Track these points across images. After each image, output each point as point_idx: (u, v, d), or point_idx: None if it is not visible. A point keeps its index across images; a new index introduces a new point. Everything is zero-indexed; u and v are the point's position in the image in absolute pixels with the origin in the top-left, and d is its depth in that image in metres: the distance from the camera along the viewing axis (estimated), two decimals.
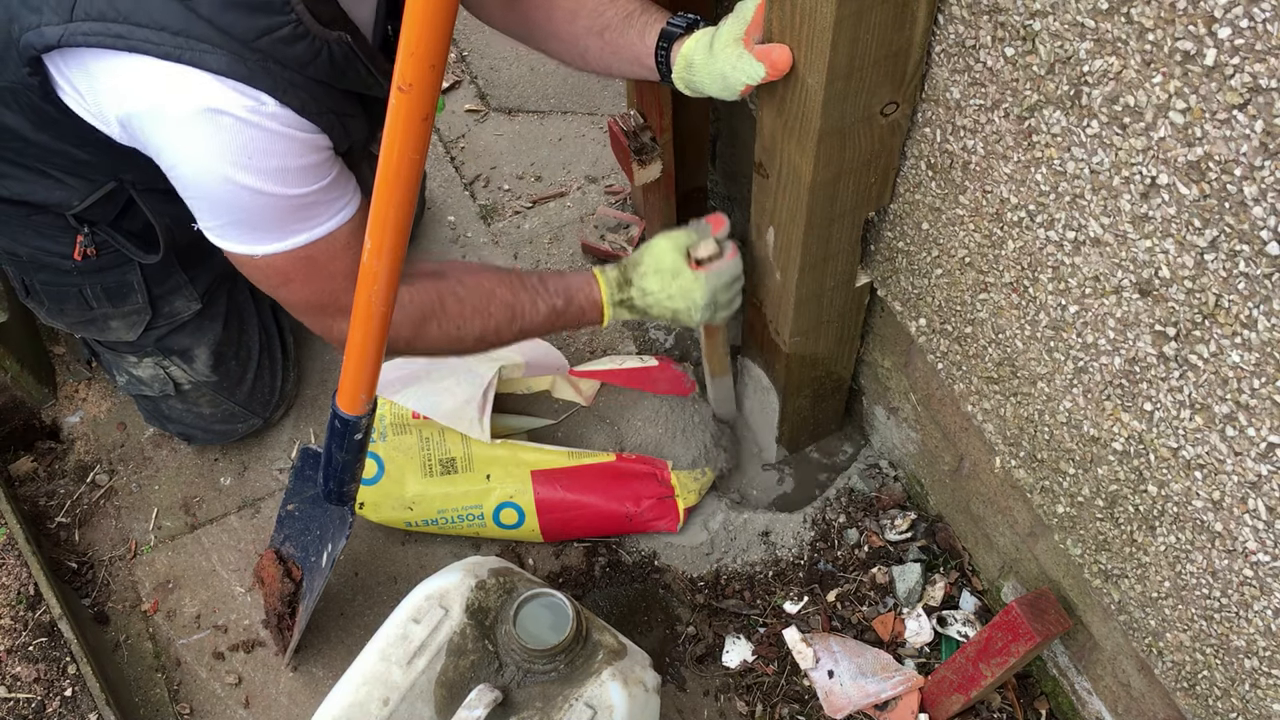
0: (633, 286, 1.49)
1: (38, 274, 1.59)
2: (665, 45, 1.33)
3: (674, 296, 1.46)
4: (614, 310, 1.50)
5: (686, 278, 1.45)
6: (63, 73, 1.18)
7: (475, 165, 2.31)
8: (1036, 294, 1.16)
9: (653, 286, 1.47)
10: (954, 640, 1.64)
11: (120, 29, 1.10)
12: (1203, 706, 1.19)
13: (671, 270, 1.46)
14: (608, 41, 1.39)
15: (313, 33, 1.16)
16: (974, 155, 1.15)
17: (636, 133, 1.71)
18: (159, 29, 1.10)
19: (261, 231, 1.24)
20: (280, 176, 1.19)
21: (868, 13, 1.05)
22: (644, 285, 1.48)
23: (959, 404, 1.44)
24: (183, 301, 1.68)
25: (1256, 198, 0.82)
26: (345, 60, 1.21)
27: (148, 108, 1.14)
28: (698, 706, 1.65)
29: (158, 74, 1.12)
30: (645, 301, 1.48)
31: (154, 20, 1.10)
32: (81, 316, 1.65)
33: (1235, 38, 0.77)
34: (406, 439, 1.76)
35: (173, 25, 1.10)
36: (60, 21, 1.11)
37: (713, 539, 1.78)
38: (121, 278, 1.60)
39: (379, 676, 1.28)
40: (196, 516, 1.87)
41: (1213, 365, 0.95)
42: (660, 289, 1.47)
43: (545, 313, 1.47)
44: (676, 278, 1.45)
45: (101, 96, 1.17)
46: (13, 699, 1.61)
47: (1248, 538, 1.00)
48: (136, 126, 1.17)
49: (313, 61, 1.18)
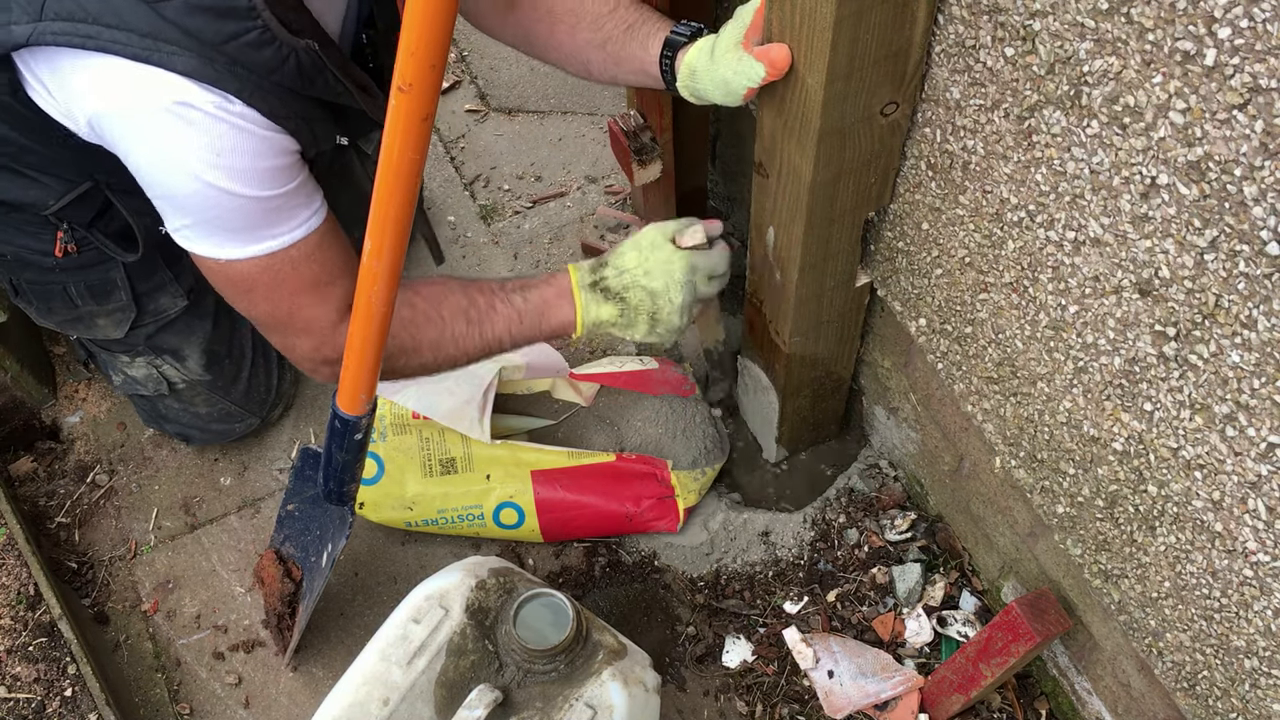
0: (608, 267, 1.41)
1: (23, 273, 1.59)
2: (669, 54, 1.34)
3: (651, 273, 1.39)
4: (587, 297, 1.40)
5: (666, 251, 1.39)
6: (33, 71, 1.18)
7: (475, 165, 2.31)
8: (1036, 294, 1.16)
9: (630, 263, 1.40)
10: (954, 640, 1.64)
11: (89, 29, 1.10)
12: (1203, 706, 1.19)
13: (651, 244, 1.40)
14: (610, 54, 1.40)
15: (280, 39, 1.16)
16: (974, 155, 1.15)
17: (636, 133, 1.71)
18: (127, 30, 1.10)
19: (228, 234, 1.23)
20: (248, 176, 1.18)
21: (868, 13, 1.05)
22: (619, 263, 1.41)
23: (959, 404, 1.44)
24: (168, 298, 1.68)
25: (1256, 198, 0.82)
26: (313, 68, 1.21)
27: (115, 106, 1.15)
28: (698, 706, 1.65)
29: (125, 73, 1.12)
30: (621, 281, 1.40)
31: (122, 21, 1.10)
32: (68, 315, 1.65)
33: (1235, 38, 0.77)
34: (406, 439, 1.76)
35: (140, 27, 1.10)
36: (29, 20, 1.11)
37: (713, 539, 1.78)
38: (104, 275, 1.60)
39: (379, 676, 1.28)
40: (196, 516, 1.87)
41: (1213, 365, 0.95)
42: (637, 265, 1.40)
43: (504, 310, 1.40)
44: (656, 250, 1.40)
45: (70, 95, 1.17)
46: (13, 699, 1.61)
47: (1248, 538, 1.00)
48: (104, 125, 1.17)
49: (279, 68, 1.18)
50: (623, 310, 1.41)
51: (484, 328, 1.39)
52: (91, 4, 1.10)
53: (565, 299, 1.40)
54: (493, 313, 1.39)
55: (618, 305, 1.41)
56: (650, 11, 1.39)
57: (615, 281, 1.40)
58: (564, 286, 1.40)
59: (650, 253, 1.39)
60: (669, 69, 1.34)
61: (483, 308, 1.39)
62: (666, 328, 1.43)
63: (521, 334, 1.42)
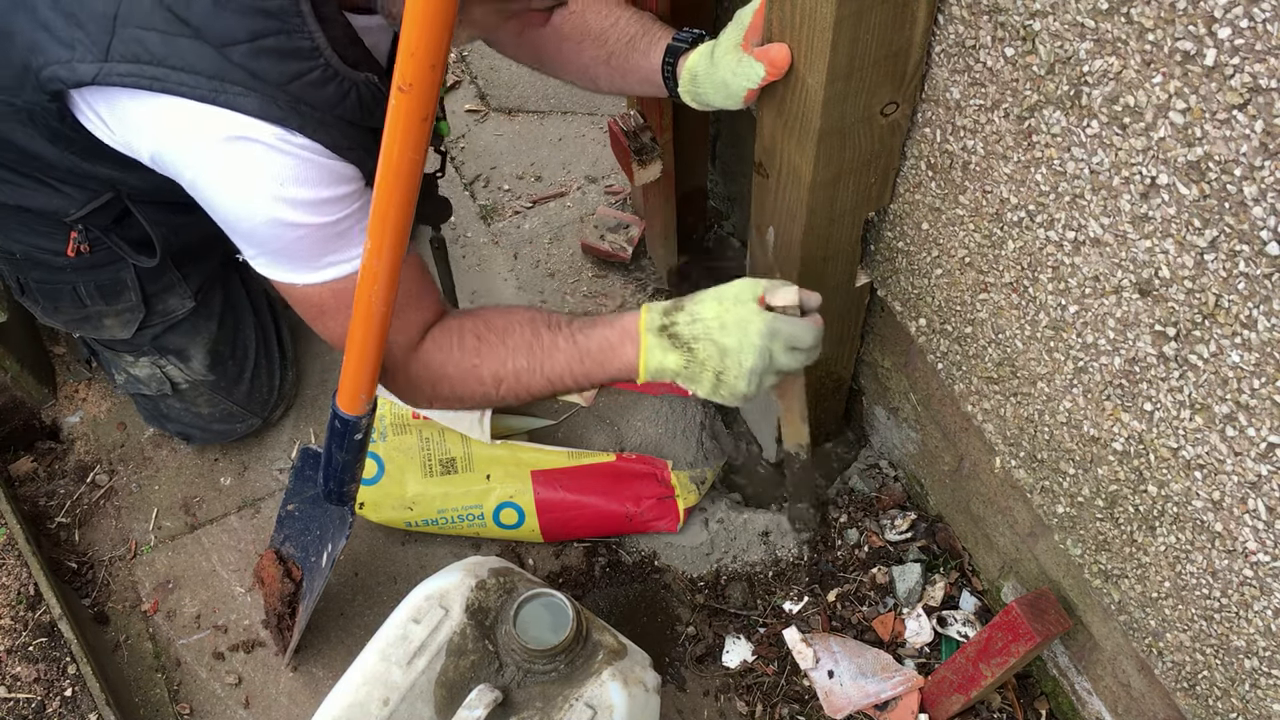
0: (682, 311, 1.27)
1: (31, 271, 1.59)
2: (671, 61, 1.35)
3: (727, 328, 1.23)
4: (653, 340, 1.27)
5: (749, 308, 1.24)
6: (89, 103, 1.20)
7: (475, 165, 2.31)
8: (1036, 294, 1.16)
9: (707, 312, 1.25)
10: (954, 640, 1.64)
11: (155, 71, 1.12)
12: (1203, 707, 1.19)
13: (735, 297, 1.25)
14: (614, 66, 1.42)
15: (341, 75, 1.18)
16: (974, 155, 1.15)
17: (636, 133, 1.71)
18: (194, 73, 1.12)
19: (296, 260, 1.25)
20: (312, 205, 1.20)
21: (868, 13, 1.05)
22: (696, 310, 1.26)
23: (959, 404, 1.44)
24: (176, 300, 1.68)
25: (1256, 198, 0.82)
26: (373, 100, 1.23)
27: (180, 143, 1.17)
28: (698, 706, 1.65)
29: (191, 113, 1.14)
30: (692, 331, 1.25)
31: (188, 64, 1.11)
32: (75, 314, 1.65)
33: (1235, 38, 0.77)
34: (406, 439, 1.76)
35: (206, 70, 1.12)
36: (95, 60, 1.12)
37: (713, 539, 1.78)
38: (115, 275, 1.60)
39: (379, 676, 1.28)
40: (196, 516, 1.87)
41: (1213, 365, 0.95)
42: (714, 316, 1.24)
43: (565, 348, 1.31)
44: (738, 305, 1.24)
45: (131, 132, 1.19)
46: (13, 699, 1.61)
47: (1248, 538, 1.00)
48: (169, 160, 1.19)
49: (341, 103, 1.20)
50: (688, 362, 1.26)
51: (545, 365, 1.32)
52: (157, 46, 1.11)
53: (630, 341, 1.29)
54: (555, 350, 1.31)
55: (684, 355, 1.26)
56: (652, 22, 1.41)
57: (686, 329, 1.26)
58: (630, 328, 1.29)
59: (732, 306, 1.24)
60: (670, 75, 1.35)
61: (546, 344, 1.31)
62: (731, 391, 1.27)
63: (584, 374, 1.32)
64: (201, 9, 1.11)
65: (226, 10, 1.11)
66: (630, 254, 2.09)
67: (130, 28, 1.11)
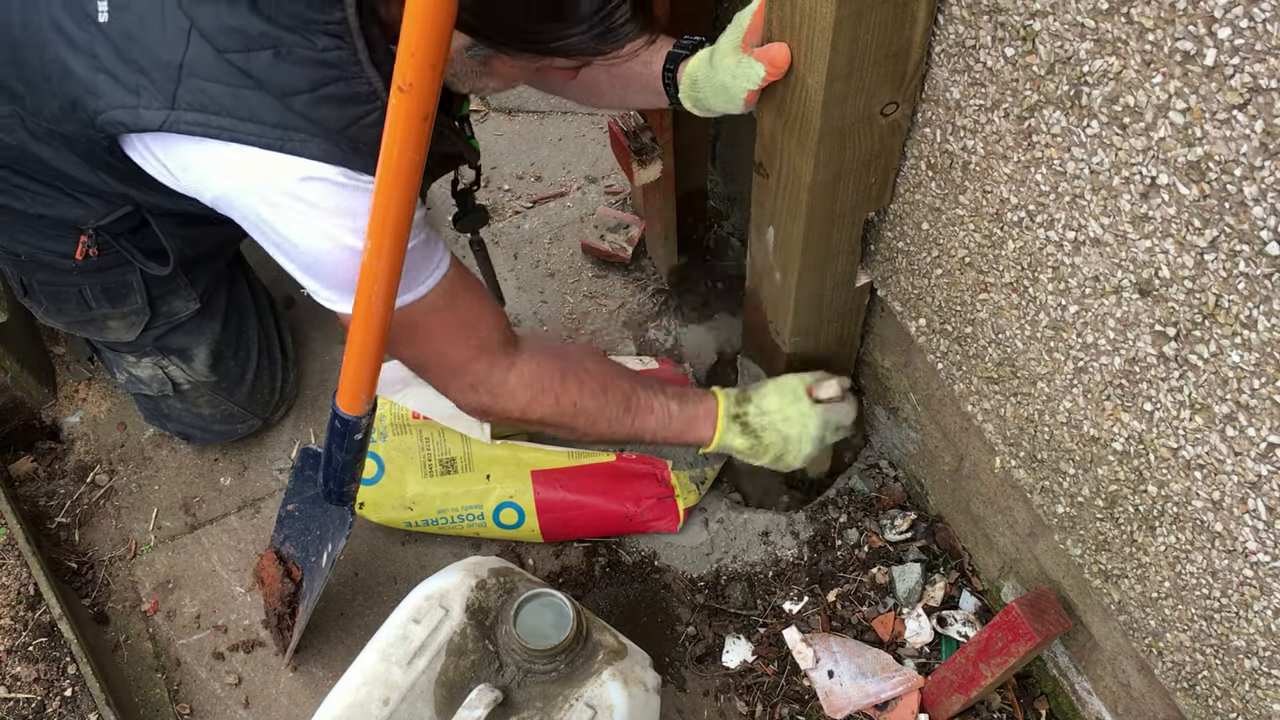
0: (750, 404, 1.52)
1: (36, 273, 1.59)
2: (671, 68, 1.36)
3: (790, 420, 1.49)
4: (727, 425, 1.51)
5: (806, 404, 1.50)
6: (148, 146, 1.21)
7: None
8: (1036, 294, 1.16)
9: (772, 406, 1.50)
10: (954, 640, 1.64)
11: (222, 121, 1.14)
12: (1203, 707, 1.19)
13: (794, 394, 1.50)
14: (616, 76, 1.44)
15: None
16: (974, 155, 1.15)
17: (636, 133, 1.71)
18: (259, 123, 1.14)
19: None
20: None
21: (868, 13, 1.05)
22: (763, 404, 1.51)
23: (959, 404, 1.44)
24: (181, 302, 1.68)
25: (1256, 198, 0.82)
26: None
27: (253, 188, 1.18)
28: (698, 706, 1.65)
29: (259, 159, 1.16)
30: (760, 421, 1.50)
31: (254, 115, 1.14)
32: (80, 316, 1.65)
33: (1235, 38, 0.77)
34: (406, 439, 1.76)
35: (270, 119, 1.14)
36: (161, 106, 1.15)
37: (713, 539, 1.78)
38: (121, 278, 1.60)
39: (379, 676, 1.28)
40: (196, 516, 1.87)
41: (1213, 365, 0.95)
42: (778, 410, 1.50)
43: (659, 412, 1.49)
44: (797, 401, 1.50)
45: (195, 177, 1.21)
46: (13, 699, 1.61)
47: (1248, 538, 1.00)
48: (239, 203, 1.20)
49: None
50: (754, 445, 1.52)
51: (637, 420, 1.49)
52: (223, 97, 1.14)
53: (710, 420, 1.52)
54: (650, 410, 1.49)
55: (751, 439, 1.51)
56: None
57: (756, 421, 1.51)
58: (712, 410, 1.52)
59: (792, 402, 1.50)
60: (671, 82, 1.37)
61: (642, 402, 1.48)
62: (787, 465, 1.55)
63: (664, 435, 1.52)
64: (262, 62, 1.13)
65: (287, 62, 1.14)
66: (630, 254, 2.09)
67: (195, 79, 1.14)
